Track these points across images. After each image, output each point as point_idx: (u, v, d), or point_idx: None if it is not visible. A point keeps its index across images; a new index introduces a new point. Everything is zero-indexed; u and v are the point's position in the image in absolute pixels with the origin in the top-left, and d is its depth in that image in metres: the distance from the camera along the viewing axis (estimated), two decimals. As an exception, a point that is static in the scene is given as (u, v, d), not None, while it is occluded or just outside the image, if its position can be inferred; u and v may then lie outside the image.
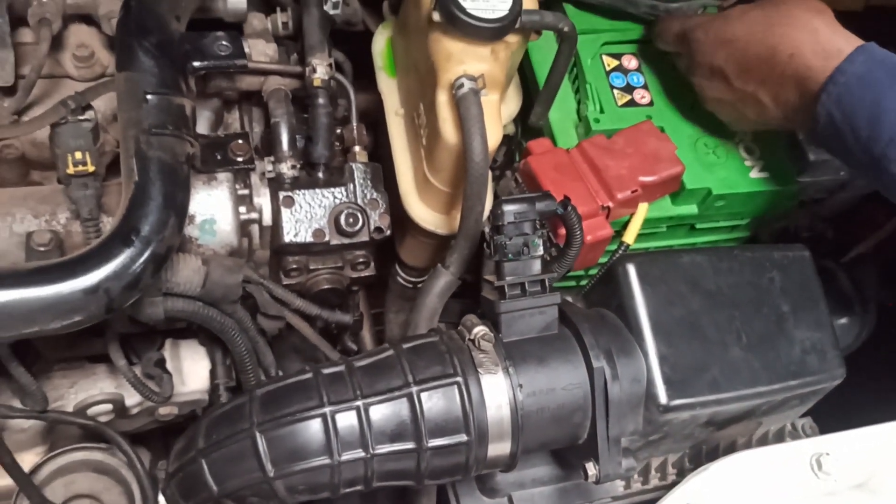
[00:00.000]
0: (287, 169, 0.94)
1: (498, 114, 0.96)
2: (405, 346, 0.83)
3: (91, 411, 0.98)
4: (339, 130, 1.01)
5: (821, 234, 1.20)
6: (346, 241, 0.96)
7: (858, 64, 0.87)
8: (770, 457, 0.91)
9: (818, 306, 0.94)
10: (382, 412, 0.78)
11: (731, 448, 1.00)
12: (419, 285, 1.13)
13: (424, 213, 1.03)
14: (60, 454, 0.92)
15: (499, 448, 0.81)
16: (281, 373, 1.04)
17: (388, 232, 0.98)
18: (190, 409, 1.06)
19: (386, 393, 0.79)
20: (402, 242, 1.15)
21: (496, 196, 1.09)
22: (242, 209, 0.99)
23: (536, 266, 0.85)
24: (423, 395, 0.79)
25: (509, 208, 0.84)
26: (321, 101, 0.96)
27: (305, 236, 0.95)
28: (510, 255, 0.84)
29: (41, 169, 1.03)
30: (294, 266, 0.98)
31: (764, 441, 1.03)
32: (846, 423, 1.02)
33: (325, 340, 1.04)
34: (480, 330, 0.82)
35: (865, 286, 1.12)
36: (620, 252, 1.03)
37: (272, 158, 0.95)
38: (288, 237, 0.94)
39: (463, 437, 0.79)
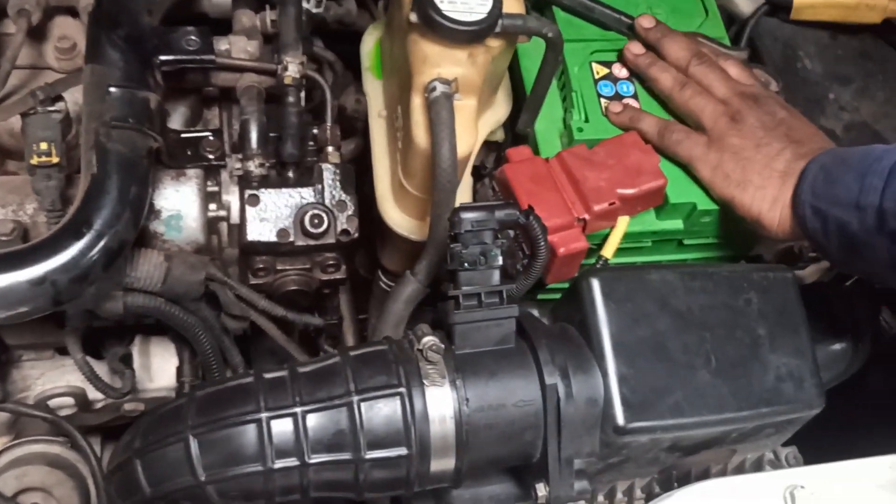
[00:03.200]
0: (255, 167, 0.93)
1: (473, 120, 0.93)
2: (353, 353, 0.80)
3: (53, 403, 0.98)
4: (315, 130, 1.00)
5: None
6: (311, 242, 0.94)
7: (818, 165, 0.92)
8: (740, 487, 0.86)
9: (798, 331, 0.90)
10: (320, 421, 0.76)
11: (705, 475, 0.96)
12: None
13: (399, 219, 1.01)
14: (15, 446, 0.92)
15: (442, 463, 0.79)
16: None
17: (356, 235, 0.96)
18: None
19: (326, 401, 0.76)
20: (383, 247, 1.13)
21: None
22: (213, 206, 0.98)
23: (495, 277, 0.82)
24: (364, 406, 0.76)
25: (467, 216, 0.81)
26: (291, 99, 0.94)
27: (269, 236, 0.93)
28: (466, 265, 0.81)
29: (19, 159, 1.03)
30: (261, 266, 0.97)
31: (741, 469, 0.98)
32: (835, 455, 0.98)
33: (293, 343, 1.02)
34: (429, 340, 0.79)
35: (861, 312, 1.07)
36: (598, 266, 1.00)
37: (240, 156, 0.94)
38: (251, 236, 0.93)
39: (403, 451, 0.77)
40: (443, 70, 0.89)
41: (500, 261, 0.82)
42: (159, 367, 1.04)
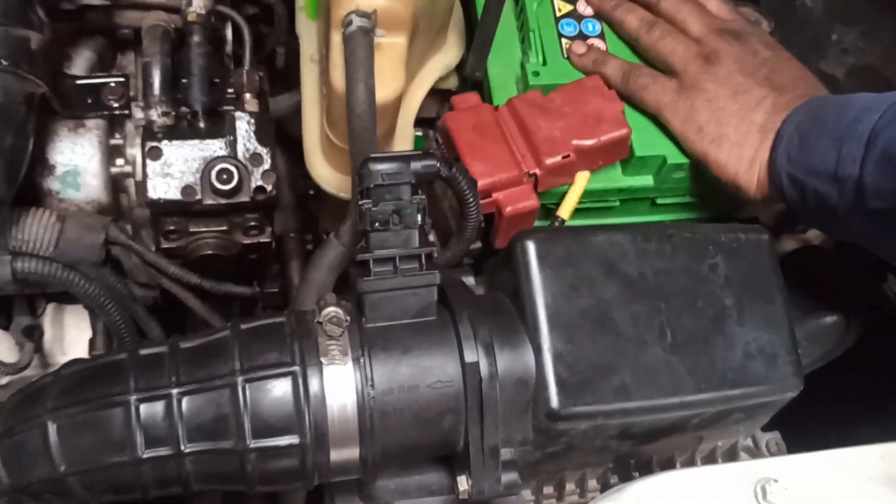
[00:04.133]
0: (157, 116, 0.82)
1: (400, 61, 0.82)
2: (244, 326, 0.70)
3: (-48, 378, 0.89)
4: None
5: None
6: (221, 200, 0.83)
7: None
8: (705, 479, 0.75)
9: (773, 301, 0.78)
10: (198, 404, 0.66)
11: (669, 464, 0.84)
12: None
13: (327, 174, 0.90)
14: None
15: (344, 453, 0.68)
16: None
17: (273, 192, 0.85)
18: (72, 381, 0.96)
19: (206, 381, 0.66)
20: (321, 207, 1.03)
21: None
22: (119, 161, 0.88)
23: (413, 239, 0.71)
24: (250, 387, 0.66)
25: (377, 168, 0.70)
26: (196, 38, 0.83)
27: (173, 193, 0.82)
28: (378, 225, 0.70)
29: None
30: (172, 228, 0.86)
31: (711, 458, 0.87)
32: (828, 442, 0.87)
33: (216, 315, 0.92)
34: (330, 312, 0.68)
35: (859, 280, 0.94)
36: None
37: (142, 104, 0.83)
38: (153, 194, 0.82)
39: (294, 439, 0.66)
40: (361, 1, 0.78)
41: (417, 219, 0.71)
42: (73, 339, 0.95)
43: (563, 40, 0.95)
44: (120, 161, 0.87)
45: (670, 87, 0.88)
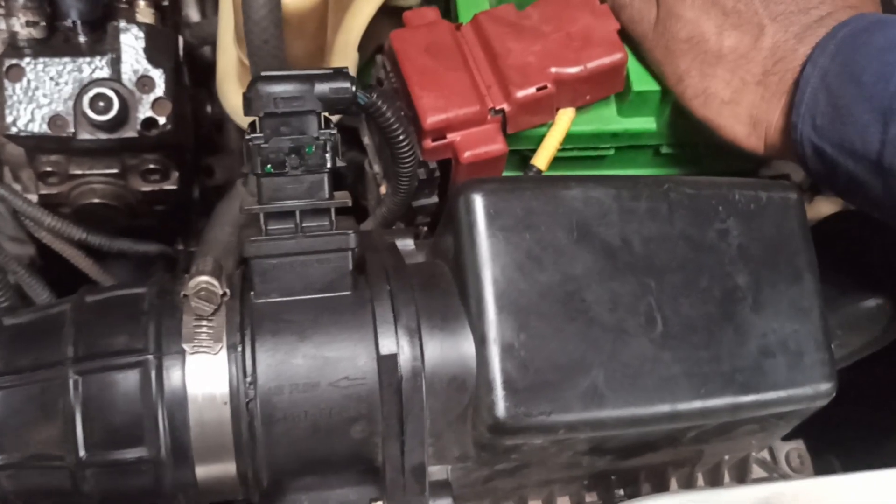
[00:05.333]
0: (21, 27, 0.65)
1: (323, -43, 0.63)
2: (91, 297, 0.53)
3: None
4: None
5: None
6: (101, 135, 0.66)
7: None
8: (703, 506, 0.58)
9: (801, 280, 0.59)
10: (16, 402, 0.49)
11: (660, 479, 0.67)
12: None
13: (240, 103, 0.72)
14: None
15: (215, 469, 0.51)
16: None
17: (168, 126, 0.67)
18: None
19: (27, 372, 0.49)
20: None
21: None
22: (-14, 86, 0.70)
23: (322, 187, 0.54)
24: (84, 381, 0.49)
25: (268, 89, 0.52)
26: (68, -76, 0.65)
27: (38, 125, 0.65)
28: (270, 167, 0.53)
29: None
30: (49, 169, 0.69)
31: (716, 473, 0.69)
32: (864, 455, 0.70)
33: (104, 273, 0.75)
34: (201, 282, 0.51)
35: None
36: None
37: (2, 11, 0.66)
38: (12, 124, 0.65)
39: (144, 451, 0.49)
40: None
41: (326, 160, 0.53)
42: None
43: (549, -58, 0.75)
44: (-14, 85, 0.70)
45: (648, 12, 0.69)
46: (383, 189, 0.75)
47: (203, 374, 0.50)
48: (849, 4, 0.63)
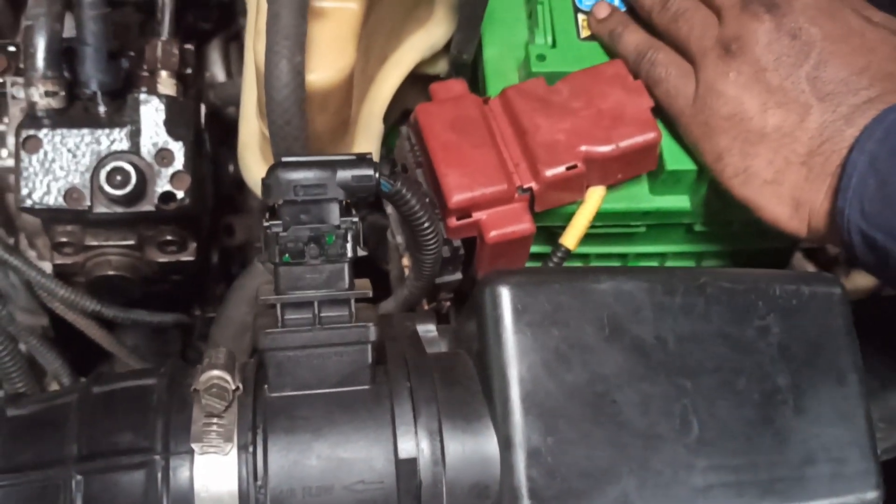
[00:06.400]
0: (40, 97, 0.63)
1: (351, 32, 0.62)
2: (98, 389, 0.51)
3: None
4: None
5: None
6: (117, 209, 0.64)
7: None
8: None
9: (846, 381, 0.56)
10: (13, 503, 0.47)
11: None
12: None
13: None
14: None
15: (221, 578, 0.49)
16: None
17: (186, 200, 0.65)
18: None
19: (25, 471, 0.47)
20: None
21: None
22: (3, 153, 0.69)
23: (342, 277, 0.51)
24: (87, 482, 0.47)
25: (288, 176, 0.50)
26: (89, -1, 0.64)
27: (54, 197, 0.63)
28: (288, 256, 0.50)
29: None
30: (64, 240, 0.68)
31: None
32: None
33: (118, 344, 0.73)
34: (213, 377, 0.48)
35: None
36: (555, 261, 0.67)
37: (21, 80, 0.65)
38: (27, 198, 0.63)
39: (146, 559, 0.47)
40: (298, -50, 0.57)
41: (347, 251, 0.51)
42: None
43: (580, 16, 0.73)
44: (3, 153, 0.69)
45: (686, 87, 0.66)
46: (405, 261, 0.72)
47: (212, 476, 0.47)
48: None
